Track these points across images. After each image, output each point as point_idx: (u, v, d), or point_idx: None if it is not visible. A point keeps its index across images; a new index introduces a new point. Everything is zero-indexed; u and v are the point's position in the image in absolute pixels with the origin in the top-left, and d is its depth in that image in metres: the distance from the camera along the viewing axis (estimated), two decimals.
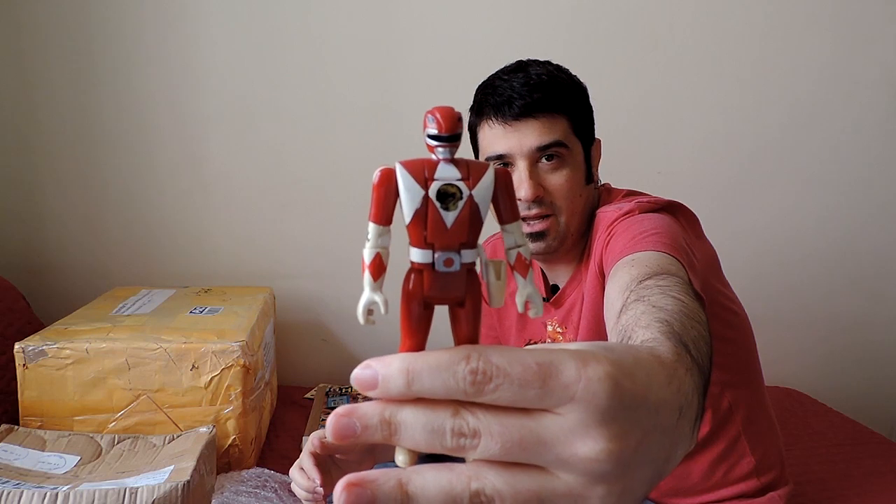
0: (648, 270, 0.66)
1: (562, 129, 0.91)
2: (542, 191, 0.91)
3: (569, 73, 0.98)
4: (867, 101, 1.82)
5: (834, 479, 1.32)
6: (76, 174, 1.73)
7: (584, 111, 0.96)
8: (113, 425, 1.20)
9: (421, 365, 0.29)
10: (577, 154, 0.94)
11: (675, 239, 0.78)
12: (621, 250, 0.79)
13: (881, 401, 1.96)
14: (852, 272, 1.92)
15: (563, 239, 0.94)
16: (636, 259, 0.72)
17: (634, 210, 0.87)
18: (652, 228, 0.80)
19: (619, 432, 0.28)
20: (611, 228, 0.88)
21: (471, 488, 0.28)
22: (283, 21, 1.69)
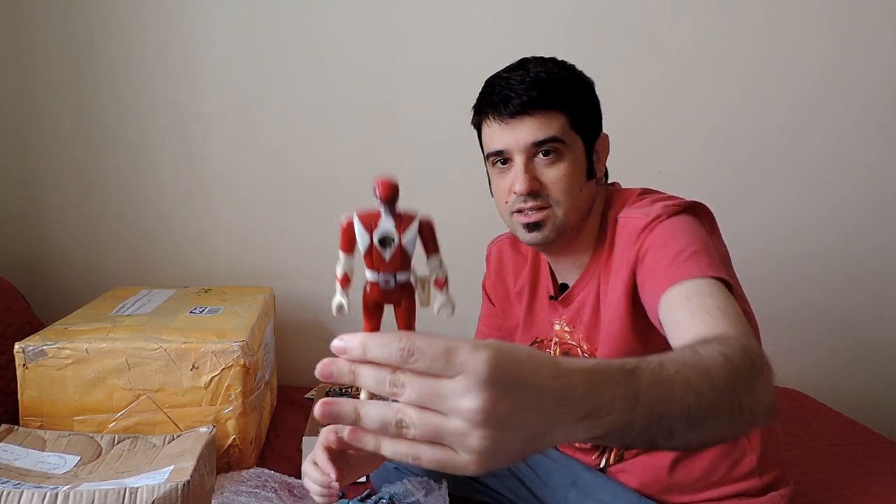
0: (705, 327, 0.71)
1: (558, 125, 0.92)
2: (537, 185, 0.93)
3: (572, 70, 0.98)
4: (867, 101, 1.82)
5: (834, 479, 1.32)
6: (76, 174, 1.73)
7: (585, 107, 0.96)
8: (113, 425, 1.20)
9: (372, 342, 0.46)
10: (576, 149, 0.95)
11: (712, 254, 0.83)
12: (666, 274, 0.81)
13: (881, 401, 1.96)
14: (852, 272, 1.92)
15: (560, 231, 0.95)
16: (691, 296, 0.77)
17: (662, 215, 0.88)
18: (689, 245, 0.83)
19: (493, 397, 0.41)
20: (642, 239, 0.87)
21: (396, 417, 0.44)
22: (283, 21, 1.69)
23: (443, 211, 1.96)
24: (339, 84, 1.72)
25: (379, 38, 1.71)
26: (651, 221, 0.88)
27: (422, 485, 1.08)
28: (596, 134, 0.98)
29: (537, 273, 1.09)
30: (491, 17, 1.72)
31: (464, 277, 1.88)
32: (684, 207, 0.89)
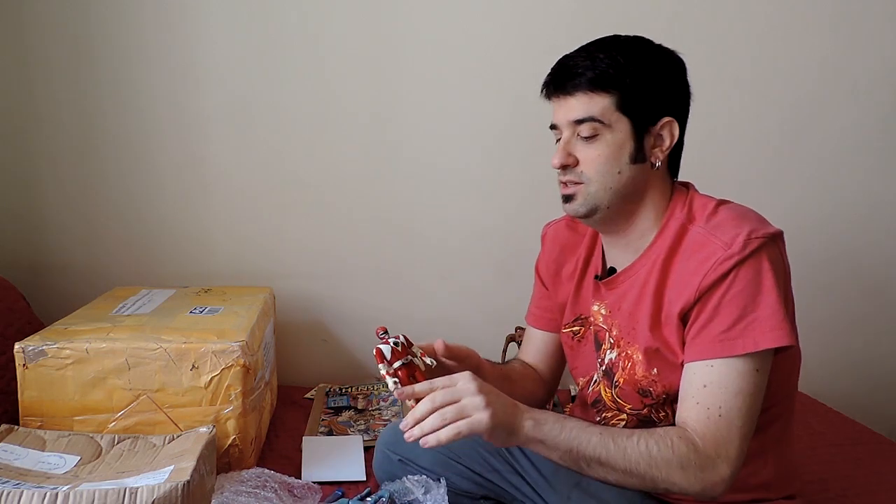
0: (694, 422, 0.87)
1: (601, 107, 0.93)
2: (571, 160, 0.95)
3: (638, 52, 0.95)
4: (867, 101, 1.82)
5: (834, 479, 1.32)
6: (76, 174, 1.73)
7: (642, 89, 0.93)
8: (113, 425, 1.20)
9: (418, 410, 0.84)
10: (619, 131, 0.93)
11: (771, 315, 0.85)
12: (713, 343, 0.87)
13: (881, 401, 1.96)
14: (852, 272, 1.92)
15: (592, 207, 0.96)
16: (709, 384, 0.87)
17: (744, 254, 0.86)
18: (752, 308, 0.86)
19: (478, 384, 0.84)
20: (715, 275, 0.86)
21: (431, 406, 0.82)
22: (283, 22, 1.69)
23: (441, 210, 1.97)
24: (339, 84, 1.72)
25: (379, 38, 1.71)
26: (729, 258, 0.86)
27: (421, 483, 1.08)
28: (655, 117, 0.95)
29: (591, 252, 1.09)
30: (491, 17, 1.72)
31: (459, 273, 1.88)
32: (767, 240, 0.88)
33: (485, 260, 1.83)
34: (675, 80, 0.97)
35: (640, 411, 0.98)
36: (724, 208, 0.95)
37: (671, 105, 0.97)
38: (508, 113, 1.74)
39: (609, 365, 1.01)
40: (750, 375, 0.85)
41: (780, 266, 0.89)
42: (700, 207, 0.95)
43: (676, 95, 0.98)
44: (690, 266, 0.90)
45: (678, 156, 1.02)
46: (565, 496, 1.03)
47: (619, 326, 1.00)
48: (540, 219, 1.24)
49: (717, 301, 0.86)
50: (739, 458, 0.85)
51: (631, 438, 0.84)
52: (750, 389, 0.85)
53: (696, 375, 0.87)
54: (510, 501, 1.11)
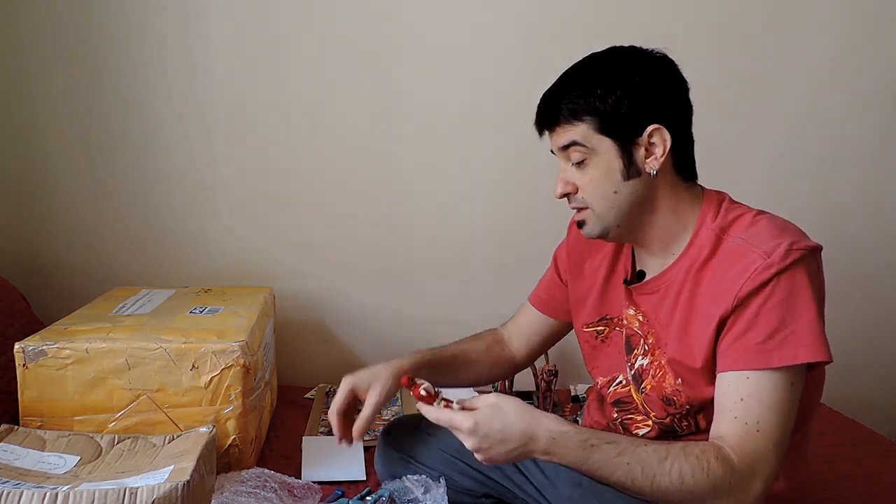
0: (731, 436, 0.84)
1: (580, 132, 0.93)
2: (571, 188, 0.96)
3: (605, 72, 0.94)
4: (868, 100, 1.82)
5: (834, 479, 1.32)
6: (77, 174, 1.73)
7: (616, 108, 0.92)
8: (113, 425, 1.20)
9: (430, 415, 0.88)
10: (604, 152, 0.93)
11: (809, 329, 0.86)
12: (750, 353, 0.85)
13: (881, 401, 1.96)
14: (852, 272, 1.92)
15: (604, 229, 0.97)
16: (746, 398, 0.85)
17: (785, 265, 0.86)
18: (792, 320, 0.85)
19: (475, 441, 0.84)
20: (754, 283, 0.85)
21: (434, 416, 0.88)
22: (284, 23, 1.69)
23: (441, 210, 1.97)
24: (340, 85, 1.72)
25: (380, 38, 1.71)
26: (769, 266, 0.85)
27: (420, 483, 1.08)
28: (639, 129, 0.93)
29: (619, 253, 1.08)
30: (491, 17, 1.72)
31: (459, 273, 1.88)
32: (807, 252, 0.89)
33: (485, 260, 1.83)
34: (655, 86, 0.94)
35: (664, 420, 0.98)
36: (763, 218, 0.93)
37: (655, 112, 0.93)
38: (509, 114, 1.74)
39: (639, 370, 1.01)
40: (786, 389, 0.84)
41: (818, 280, 0.90)
42: (737, 217, 0.94)
43: (660, 100, 0.94)
44: (728, 276, 0.88)
45: (687, 156, 1.00)
46: (567, 495, 1.03)
47: (655, 336, 0.98)
48: (540, 219, 1.24)
49: (756, 311, 0.85)
50: (774, 473, 0.84)
51: (663, 464, 0.81)
52: (786, 404, 0.84)
53: (731, 387, 0.86)
54: (512, 499, 1.12)
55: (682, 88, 0.98)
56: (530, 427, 0.83)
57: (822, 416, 1.62)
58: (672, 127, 0.95)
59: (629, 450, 0.82)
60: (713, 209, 0.96)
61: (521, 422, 0.83)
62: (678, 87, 0.97)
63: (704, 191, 1.01)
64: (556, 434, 0.83)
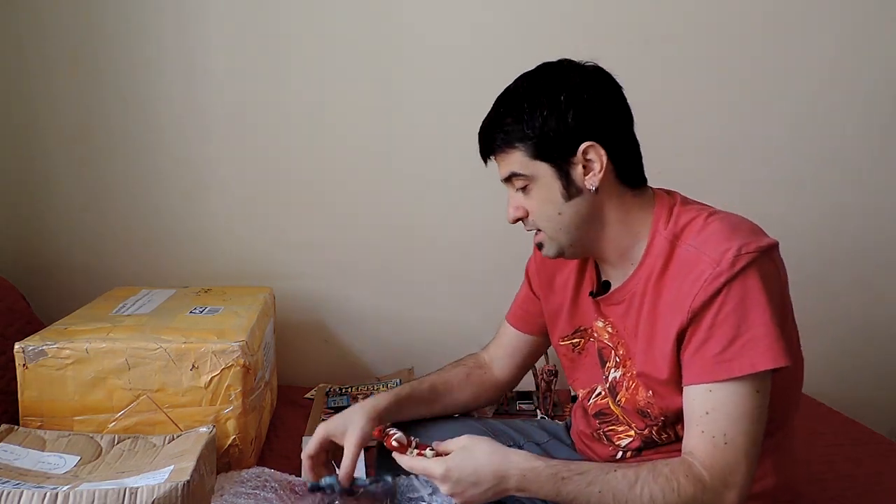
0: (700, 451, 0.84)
1: (515, 161, 0.94)
2: (521, 212, 0.98)
3: (531, 97, 0.93)
4: (869, 100, 1.82)
5: (834, 479, 1.32)
6: (76, 174, 1.73)
7: (547, 131, 0.92)
8: (113, 425, 1.20)
9: (405, 464, 0.91)
10: (542, 176, 0.93)
11: (767, 334, 0.83)
12: (709, 365, 0.84)
13: (881, 401, 1.96)
14: (853, 272, 1.92)
15: (559, 249, 0.98)
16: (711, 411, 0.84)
17: (734, 272, 0.84)
18: (746, 328, 0.83)
19: (449, 487, 0.86)
20: (706, 295, 0.84)
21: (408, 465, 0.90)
22: (283, 22, 1.69)
23: (441, 210, 1.97)
24: (339, 85, 1.72)
25: (379, 38, 1.71)
26: (718, 276, 0.84)
27: (429, 483, 1.08)
28: (572, 149, 0.92)
29: (585, 265, 1.08)
30: (491, 17, 1.72)
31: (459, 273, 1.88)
32: (758, 254, 0.85)
33: (485, 260, 1.83)
34: (583, 102, 0.92)
35: (643, 431, 0.98)
36: (714, 220, 0.90)
37: (586, 128, 0.91)
38: None
39: (613, 383, 1.01)
40: (750, 397, 0.84)
41: (774, 280, 0.87)
42: (688, 221, 0.92)
43: (590, 115, 0.92)
44: (683, 287, 0.87)
45: (630, 164, 0.97)
46: None
47: (625, 346, 0.98)
48: None
49: (710, 322, 0.84)
50: (748, 482, 0.84)
51: (633, 489, 0.82)
52: (752, 412, 0.84)
53: (696, 402, 0.86)
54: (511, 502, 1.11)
55: (616, 98, 0.96)
56: (501, 467, 0.84)
57: (822, 416, 1.62)
58: (607, 140, 0.93)
59: (599, 478, 0.83)
60: (665, 214, 0.94)
61: (491, 463, 0.85)
62: (610, 98, 0.95)
63: (655, 194, 0.99)
64: (526, 471, 0.84)
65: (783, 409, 0.94)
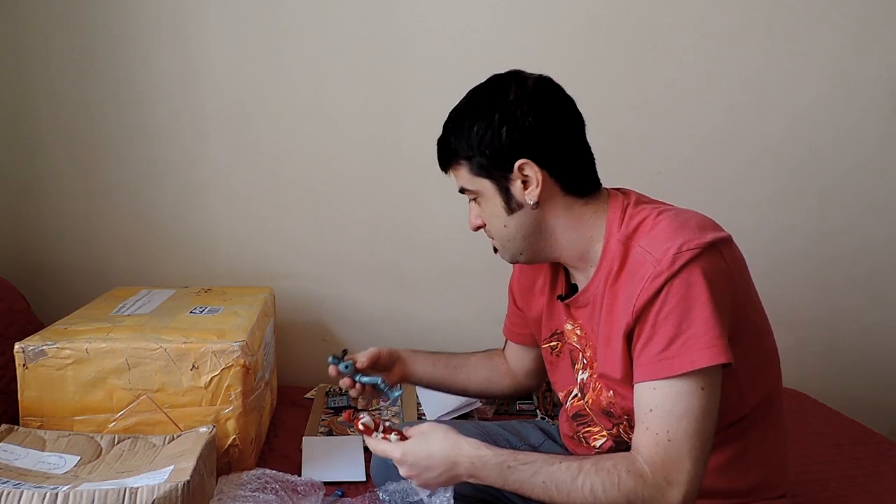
0: (644, 447, 0.85)
1: (462, 176, 0.98)
2: (480, 220, 1.02)
3: (471, 114, 0.95)
4: (868, 101, 1.82)
5: (834, 479, 1.32)
6: (76, 174, 1.73)
7: (484, 149, 0.93)
8: (113, 425, 1.20)
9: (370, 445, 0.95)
10: (485, 191, 0.97)
11: (706, 332, 0.83)
12: (652, 363, 0.85)
13: (881, 401, 1.96)
14: (852, 272, 1.92)
15: (511, 257, 1.02)
16: (654, 408, 0.84)
17: (673, 271, 0.83)
18: (686, 327, 0.83)
19: (406, 469, 0.91)
20: (648, 294, 0.84)
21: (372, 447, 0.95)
22: (283, 22, 1.69)
23: (441, 210, 1.97)
24: (339, 85, 1.72)
25: (379, 38, 1.71)
26: (658, 275, 0.84)
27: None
28: (508, 166, 0.93)
29: (557, 270, 1.10)
30: (490, 17, 1.72)
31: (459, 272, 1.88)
32: (701, 251, 0.84)
33: (485, 260, 1.81)
34: (518, 118, 0.92)
35: (612, 431, 1.00)
36: (663, 218, 0.89)
37: (522, 145, 0.92)
38: None
39: (581, 384, 1.03)
40: (694, 395, 0.83)
41: (719, 276, 0.85)
42: (640, 221, 0.91)
43: (526, 131, 0.92)
44: (630, 287, 0.88)
45: (576, 174, 0.96)
46: None
47: (592, 348, 1.00)
48: None
49: (653, 320, 0.84)
50: (694, 479, 0.83)
51: (576, 481, 0.83)
52: (697, 410, 0.83)
53: (641, 399, 0.86)
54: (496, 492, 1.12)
55: (558, 111, 0.94)
56: (451, 453, 0.88)
57: (822, 416, 1.62)
58: (545, 155, 0.92)
59: (544, 469, 0.85)
60: (618, 216, 0.94)
61: (442, 449, 0.89)
62: (550, 112, 0.93)
63: (610, 195, 0.98)
64: (474, 459, 0.88)
65: (756, 404, 0.94)
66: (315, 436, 1.48)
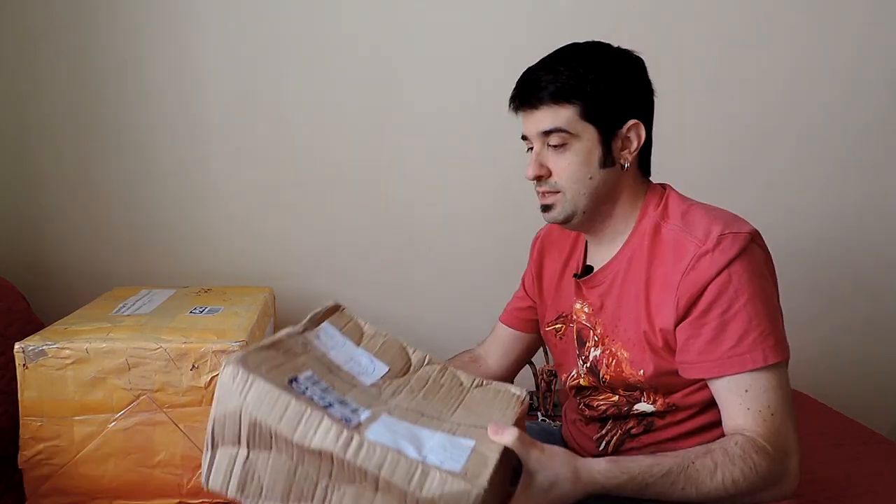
0: (754, 426, 0.86)
1: (566, 117, 0.94)
2: (544, 171, 0.97)
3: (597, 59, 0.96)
4: (868, 101, 1.82)
5: (834, 479, 1.32)
6: (77, 174, 1.73)
7: (605, 97, 0.95)
8: (113, 425, 1.20)
9: None
10: (586, 139, 0.95)
11: (774, 328, 0.88)
12: (725, 358, 0.87)
13: (881, 401, 1.96)
14: (852, 272, 1.92)
15: (569, 214, 0.99)
16: (749, 388, 0.87)
17: (728, 255, 0.87)
18: (757, 323, 0.87)
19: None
20: (700, 276, 0.87)
21: None
22: (283, 21, 1.69)
23: (441, 210, 1.97)
24: (339, 84, 1.72)
25: (379, 38, 1.71)
26: (710, 252, 0.87)
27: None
28: (620, 121, 0.96)
29: (573, 250, 1.12)
30: (490, 17, 1.72)
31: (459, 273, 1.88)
32: (751, 241, 0.89)
33: (485, 260, 1.83)
34: (636, 83, 0.98)
35: (617, 400, 1.02)
36: (699, 206, 0.96)
37: (635, 107, 0.98)
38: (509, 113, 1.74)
39: (594, 362, 1.03)
40: (779, 371, 0.88)
41: (765, 264, 0.92)
42: (675, 206, 0.97)
43: (639, 97, 0.99)
44: (672, 264, 0.91)
45: (648, 155, 1.03)
46: None
47: (603, 325, 1.01)
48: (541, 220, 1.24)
49: (717, 316, 0.87)
50: (799, 447, 0.88)
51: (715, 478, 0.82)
52: (784, 383, 0.88)
53: (730, 384, 0.89)
54: None
55: (651, 90, 1.02)
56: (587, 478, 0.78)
57: (822, 415, 1.62)
58: (648, 124, 0.99)
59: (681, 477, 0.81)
60: (655, 200, 0.99)
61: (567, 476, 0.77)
62: (649, 88, 1.01)
63: (649, 183, 1.04)
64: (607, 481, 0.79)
65: None
66: None
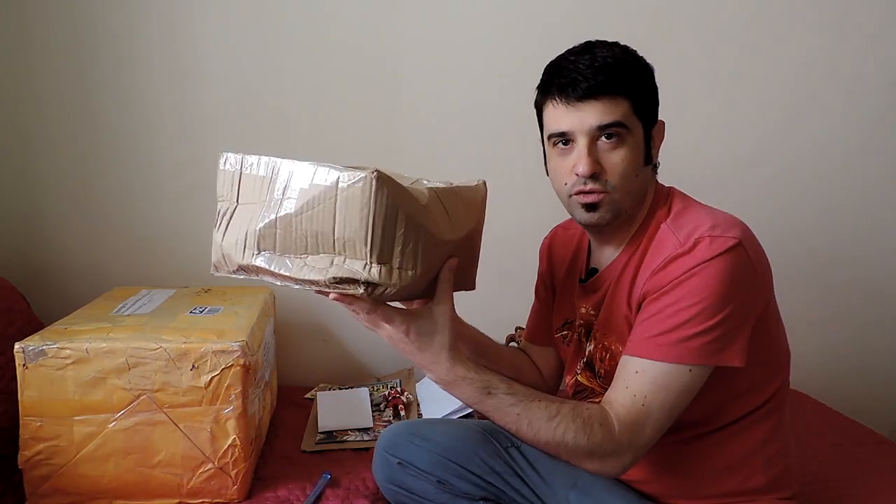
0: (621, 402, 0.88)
1: (622, 111, 0.92)
2: (598, 167, 0.93)
3: (635, 55, 0.97)
4: (867, 99, 1.82)
5: (834, 479, 1.32)
6: (76, 174, 1.73)
7: (647, 93, 0.96)
8: (113, 425, 1.20)
9: None
10: (636, 135, 0.95)
11: (713, 334, 0.85)
12: (651, 341, 0.87)
13: (881, 401, 1.96)
14: (852, 271, 1.92)
15: (616, 213, 0.96)
16: (641, 372, 0.88)
17: (699, 260, 0.86)
18: (698, 322, 0.85)
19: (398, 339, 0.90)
20: (667, 275, 0.88)
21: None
22: (283, 21, 1.69)
23: None
24: (340, 84, 1.72)
25: (379, 37, 1.71)
26: (684, 254, 0.87)
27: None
28: (654, 120, 0.98)
29: (577, 254, 1.13)
30: (490, 17, 1.72)
31: None
32: (728, 248, 0.86)
33: (485, 260, 1.82)
34: (655, 84, 1.00)
35: None
36: (697, 207, 0.96)
37: (658, 107, 1.01)
38: (509, 114, 1.74)
39: (589, 357, 1.05)
40: (683, 375, 0.86)
41: (739, 273, 0.87)
42: (675, 206, 0.98)
43: (657, 98, 1.01)
44: (652, 262, 0.92)
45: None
46: (564, 497, 1.04)
47: (599, 320, 1.03)
48: (540, 220, 1.24)
49: (667, 299, 0.87)
50: (645, 449, 0.87)
51: (551, 422, 0.86)
52: (678, 387, 0.87)
53: (631, 361, 0.89)
54: (509, 502, 1.12)
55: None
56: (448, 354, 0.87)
57: (822, 416, 1.62)
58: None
59: (523, 402, 0.87)
60: (662, 200, 1.01)
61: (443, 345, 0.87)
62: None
63: (658, 185, 1.06)
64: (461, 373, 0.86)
65: (763, 401, 0.96)
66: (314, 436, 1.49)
